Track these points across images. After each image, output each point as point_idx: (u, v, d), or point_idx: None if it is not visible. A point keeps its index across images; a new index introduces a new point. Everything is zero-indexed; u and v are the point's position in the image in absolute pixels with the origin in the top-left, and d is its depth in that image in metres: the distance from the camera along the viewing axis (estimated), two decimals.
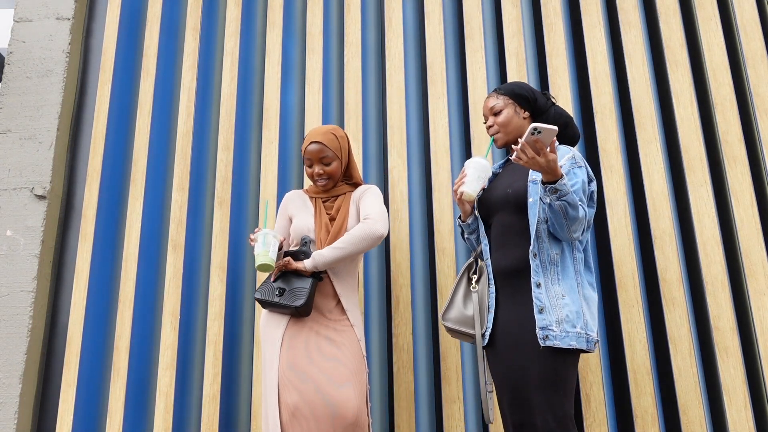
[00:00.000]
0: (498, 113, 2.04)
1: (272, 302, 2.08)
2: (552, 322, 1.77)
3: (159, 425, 2.52)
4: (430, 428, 2.44)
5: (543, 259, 1.85)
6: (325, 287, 2.15)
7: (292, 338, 2.07)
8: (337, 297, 2.15)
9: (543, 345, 1.75)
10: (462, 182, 1.93)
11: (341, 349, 2.06)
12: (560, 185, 1.75)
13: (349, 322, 2.13)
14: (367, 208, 2.18)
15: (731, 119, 2.65)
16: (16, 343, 2.60)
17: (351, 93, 2.88)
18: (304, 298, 2.04)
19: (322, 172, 2.23)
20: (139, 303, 2.68)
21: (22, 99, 2.95)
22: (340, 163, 2.25)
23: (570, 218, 1.78)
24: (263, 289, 2.12)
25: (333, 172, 2.24)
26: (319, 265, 2.08)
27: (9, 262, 2.71)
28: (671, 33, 2.81)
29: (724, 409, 2.33)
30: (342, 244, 2.09)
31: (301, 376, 1.99)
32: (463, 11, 2.96)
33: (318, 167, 2.23)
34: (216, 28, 3.09)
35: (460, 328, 1.94)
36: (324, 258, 2.08)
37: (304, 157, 2.24)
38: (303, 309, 2.04)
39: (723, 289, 2.45)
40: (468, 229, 2.08)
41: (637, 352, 2.40)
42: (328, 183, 2.25)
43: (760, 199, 2.56)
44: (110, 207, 2.83)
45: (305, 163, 2.25)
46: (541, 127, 1.75)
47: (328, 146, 2.21)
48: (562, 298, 1.81)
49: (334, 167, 2.23)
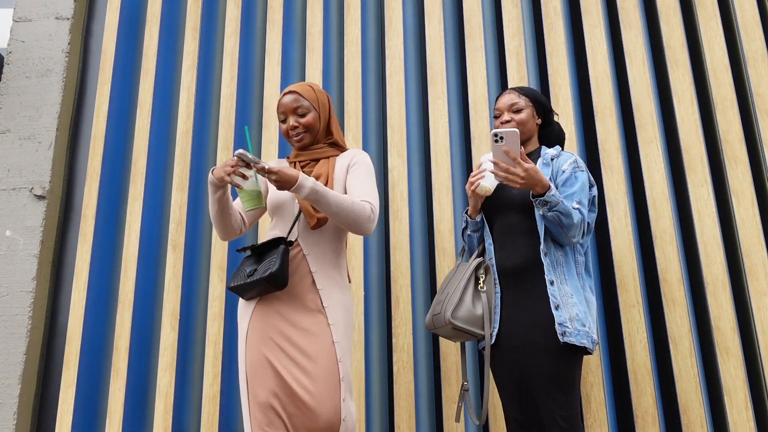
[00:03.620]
0: (518, 111, 2.05)
1: (246, 284, 1.83)
2: (566, 319, 1.79)
3: (159, 425, 2.52)
4: (430, 428, 2.44)
5: (552, 259, 1.88)
6: (299, 265, 1.89)
7: (256, 331, 1.85)
8: (311, 275, 1.88)
9: (562, 341, 1.77)
10: (481, 176, 1.91)
11: (308, 337, 1.81)
12: (549, 197, 1.78)
13: (321, 304, 1.86)
14: (365, 192, 1.90)
15: (732, 119, 2.65)
16: (15, 344, 2.59)
17: (351, 93, 2.88)
18: (277, 264, 1.78)
19: (296, 125, 1.96)
20: (138, 303, 2.68)
21: (22, 99, 2.94)
22: (319, 117, 1.98)
23: (565, 226, 1.82)
24: (235, 277, 1.90)
25: (309, 125, 1.96)
26: (310, 187, 1.77)
27: (8, 263, 2.70)
28: (672, 33, 2.80)
29: (724, 410, 2.33)
30: (336, 197, 1.80)
31: (266, 373, 1.79)
32: (463, 11, 2.95)
33: (293, 119, 1.96)
34: (216, 28, 3.08)
35: (469, 328, 1.93)
36: (317, 188, 1.78)
37: (278, 112, 2.00)
38: (276, 279, 1.78)
39: (724, 289, 2.44)
40: (473, 226, 2.07)
41: (637, 352, 2.40)
42: (304, 138, 1.97)
43: (761, 199, 2.55)
44: (110, 207, 2.83)
45: (279, 119, 2.00)
46: (501, 132, 1.77)
47: (304, 96, 1.97)
48: (572, 297, 1.84)
49: (310, 119, 1.96)
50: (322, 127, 2.00)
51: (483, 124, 2.75)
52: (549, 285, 1.84)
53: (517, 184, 1.79)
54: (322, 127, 2.00)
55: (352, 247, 2.64)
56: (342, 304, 1.89)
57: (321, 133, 2.00)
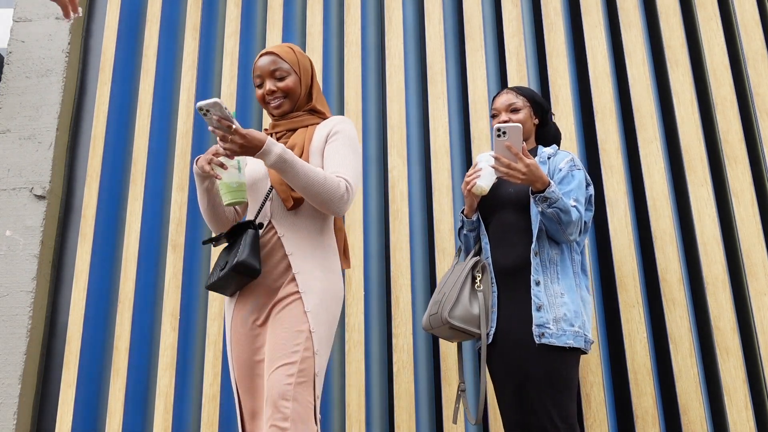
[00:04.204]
0: (516, 111, 2.05)
1: (219, 280, 1.66)
2: (549, 320, 1.79)
3: (159, 425, 2.52)
4: (430, 428, 2.44)
5: (543, 258, 1.87)
6: (273, 248, 1.69)
7: (236, 333, 1.70)
8: (287, 258, 1.67)
9: (538, 342, 1.77)
10: (477, 175, 1.91)
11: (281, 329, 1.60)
12: (549, 193, 1.78)
13: (297, 288, 1.63)
14: (341, 165, 1.67)
15: (732, 119, 2.65)
16: (15, 343, 2.59)
17: (351, 93, 2.88)
18: (245, 251, 1.59)
19: (274, 89, 1.75)
20: (138, 303, 2.68)
21: (22, 99, 2.94)
22: (300, 82, 1.77)
23: (563, 223, 1.82)
24: (211, 274, 1.73)
25: (289, 89, 1.75)
26: (278, 153, 1.56)
27: (8, 262, 2.70)
28: (671, 33, 2.80)
29: (724, 410, 2.33)
30: (306, 169, 1.58)
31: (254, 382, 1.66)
32: (463, 11, 2.95)
33: (270, 83, 1.75)
34: (216, 28, 3.08)
35: (467, 327, 1.92)
36: (286, 156, 1.56)
37: (254, 77, 1.79)
38: (246, 267, 1.59)
39: (724, 289, 2.44)
40: (470, 226, 2.07)
41: (637, 352, 2.40)
42: (283, 104, 1.76)
43: (761, 199, 2.55)
44: (110, 207, 2.83)
45: (255, 84, 1.79)
46: (504, 127, 1.75)
47: (283, 58, 1.76)
48: (561, 297, 1.83)
49: (290, 83, 1.75)
50: (303, 93, 1.78)
51: (483, 124, 2.75)
52: (534, 285, 1.83)
53: (518, 180, 1.79)
54: (303, 93, 1.78)
55: (352, 247, 2.64)
56: (323, 288, 1.65)
57: (302, 100, 1.79)
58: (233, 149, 1.55)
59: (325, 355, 1.62)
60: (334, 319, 1.67)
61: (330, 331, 1.65)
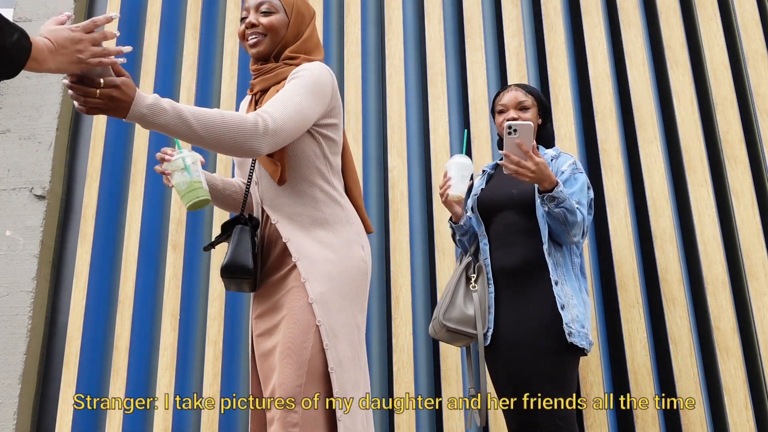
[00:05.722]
0: (525, 109, 2.05)
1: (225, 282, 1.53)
2: (570, 320, 1.80)
3: (159, 425, 2.52)
4: (430, 428, 2.44)
5: (554, 259, 1.88)
6: (273, 237, 1.53)
7: (253, 331, 1.57)
8: (284, 244, 1.49)
9: (570, 341, 1.78)
10: (447, 185, 1.92)
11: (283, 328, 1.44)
12: (557, 192, 1.78)
13: (300, 277, 1.45)
14: (270, 105, 1.39)
15: (732, 119, 2.65)
16: (15, 343, 2.59)
17: (351, 93, 2.88)
18: (229, 252, 1.45)
19: (255, 23, 1.53)
20: (138, 303, 2.68)
21: (22, 99, 2.94)
22: (287, 24, 1.55)
23: (569, 223, 1.82)
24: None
25: (272, 27, 1.53)
26: (147, 105, 1.23)
27: (8, 262, 2.70)
28: (672, 33, 2.80)
29: (724, 410, 2.33)
30: (196, 113, 1.29)
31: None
32: (463, 11, 2.95)
33: (253, 15, 1.54)
34: (216, 28, 3.08)
35: (462, 329, 1.93)
36: (161, 105, 1.25)
37: (241, 10, 1.59)
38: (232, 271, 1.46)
39: (724, 289, 2.44)
40: (460, 231, 2.07)
41: (637, 352, 2.40)
42: (260, 42, 1.53)
43: (761, 199, 2.55)
44: (110, 207, 2.83)
45: (241, 20, 1.59)
46: (515, 124, 1.75)
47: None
48: (572, 299, 1.84)
49: (274, 21, 1.53)
50: (288, 37, 1.55)
51: (483, 124, 2.75)
52: (554, 285, 1.84)
53: (527, 178, 1.78)
54: (289, 37, 1.55)
55: None
56: (330, 270, 1.46)
57: (285, 45, 1.55)
58: (96, 105, 1.21)
59: (345, 342, 1.44)
60: (353, 298, 1.48)
61: (347, 314, 1.46)
